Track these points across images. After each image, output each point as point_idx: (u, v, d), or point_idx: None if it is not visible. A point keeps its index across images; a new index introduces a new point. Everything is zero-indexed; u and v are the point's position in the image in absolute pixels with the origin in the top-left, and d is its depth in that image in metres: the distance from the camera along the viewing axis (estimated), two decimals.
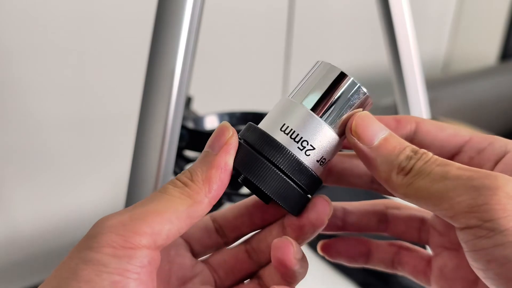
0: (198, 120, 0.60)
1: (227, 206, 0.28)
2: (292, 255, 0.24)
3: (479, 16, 1.76)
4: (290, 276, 0.25)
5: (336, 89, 0.25)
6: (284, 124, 0.24)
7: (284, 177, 0.24)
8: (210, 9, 0.60)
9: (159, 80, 0.38)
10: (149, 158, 0.39)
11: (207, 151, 0.24)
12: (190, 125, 0.57)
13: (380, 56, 0.75)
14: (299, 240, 0.26)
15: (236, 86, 1.28)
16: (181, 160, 0.53)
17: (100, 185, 1.16)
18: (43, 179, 1.10)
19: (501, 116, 1.62)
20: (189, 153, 0.54)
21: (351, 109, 0.25)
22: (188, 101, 0.62)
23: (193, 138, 0.52)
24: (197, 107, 0.65)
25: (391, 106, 1.69)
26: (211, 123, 0.60)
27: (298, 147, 0.24)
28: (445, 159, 0.22)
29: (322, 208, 0.25)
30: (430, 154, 0.23)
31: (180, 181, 0.24)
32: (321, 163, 0.25)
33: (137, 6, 1.05)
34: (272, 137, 0.24)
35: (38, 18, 0.98)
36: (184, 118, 0.53)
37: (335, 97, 0.24)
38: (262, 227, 0.28)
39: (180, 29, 0.37)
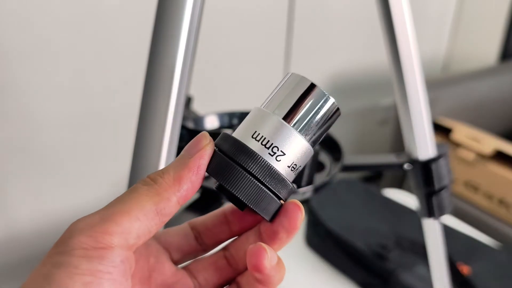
0: (198, 120, 0.60)
1: (206, 214, 0.29)
2: (266, 261, 0.24)
3: (479, 16, 1.76)
4: (266, 282, 0.25)
5: (306, 98, 0.26)
6: (256, 131, 0.25)
7: (256, 182, 0.24)
8: (210, 9, 0.60)
9: (159, 80, 0.38)
10: (149, 158, 0.39)
11: (183, 154, 0.25)
12: (190, 125, 0.57)
13: (380, 56, 0.75)
14: (274, 245, 0.26)
15: (236, 86, 1.28)
16: None
17: (100, 185, 1.16)
18: (43, 179, 1.10)
19: (501, 116, 1.62)
20: None
21: (320, 118, 0.26)
22: (188, 101, 0.62)
23: (193, 138, 0.52)
24: (197, 107, 0.66)
25: (391, 106, 1.69)
26: (211, 123, 0.60)
27: (269, 153, 0.25)
28: None
29: (293, 214, 0.26)
30: None
31: (150, 178, 0.25)
32: (292, 168, 0.26)
33: (137, 6, 1.05)
34: (244, 144, 0.25)
35: (38, 18, 0.98)
36: (184, 118, 0.53)
37: (305, 106, 0.26)
38: (240, 234, 0.28)
39: (180, 29, 0.37)
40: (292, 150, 0.25)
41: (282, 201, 0.26)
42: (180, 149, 0.51)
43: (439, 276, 0.62)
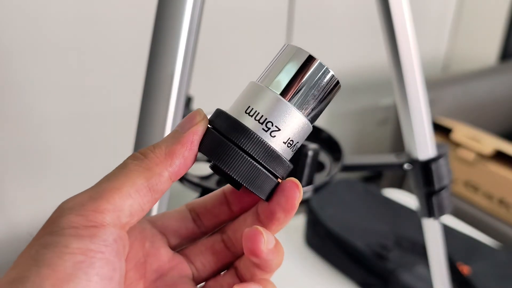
0: None
1: (206, 195, 0.28)
2: (262, 244, 0.23)
3: (479, 16, 1.76)
4: (264, 266, 0.24)
5: (303, 71, 0.24)
6: (249, 107, 0.24)
7: (251, 160, 0.23)
8: (210, 9, 0.60)
9: (159, 80, 0.38)
10: None
11: (176, 130, 0.24)
12: None
13: (380, 56, 0.75)
14: (272, 226, 0.25)
15: (236, 86, 1.28)
16: None
17: None
18: (43, 179, 1.10)
19: (501, 116, 1.62)
20: None
21: (317, 90, 0.25)
22: (188, 101, 0.62)
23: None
24: (197, 107, 0.65)
25: (391, 106, 1.69)
26: None
27: (263, 129, 0.24)
28: None
29: (291, 192, 0.24)
30: None
31: (140, 153, 0.24)
32: (289, 145, 0.25)
33: (137, 6, 1.05)
34: (238, 121, 0.24)
35: (38, 19, 0.98)
36: None
37: (302, 80, 0.24)
38: (241, 214, 0.27)
39: (180, 29, 0.37)
40: (288, 125, 0.24)
41: (279, 180, 0.25)
42: None
43: (439, 276, 0.62)
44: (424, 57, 1.80)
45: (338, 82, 0.25)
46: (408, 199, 1.09)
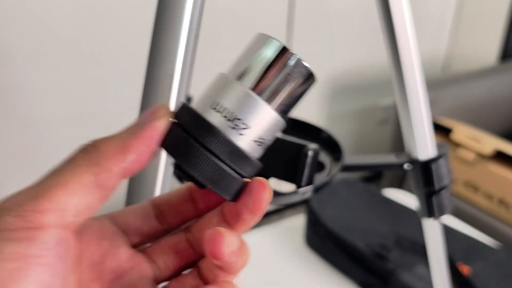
0: None
1: (170, 191, 0.26)
2: (224, 247, 0.21)
3: (479, 16, 1.76)
4: (226, 268, 0.23)
5: (274, 63, 0.22)
6: (216, 102, 0.22)
7: (216, 160, 0.22)
8: (210, 9, 0.60)
9: (159, 80, 0.38)
10: None
11: (135, 122, 0.22)
12: None
13: (380, 56, 0.75)
14: (239, 227, 0.24)
15: None
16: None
17: None
18: None
19: (501, 116, 1.62)
20: None
21: (291, 84, 0.23)
22: (188, 101, 0.62)
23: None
24: None
25: (391, 106, 1.69)
26: None
27: (231, 127, 0.22)
28: None
29: (259, 192, 0.23)
30: None
31: (91, 145, 0.22)
32: (259, 143, 0.23)
33: (137, 6, 1.05)
34: (203, 117, 0.22)
35: (38, 19, 0.98)
36: None
37: (273, 73, 0.22)
38: (207, 212, 0.26)
39: (180, 29, 0.37)
40: (258, 123, 0.22)
41: (246, 179, 0.23)
42: None
43: (439, 276, 0.62)
44: (424, 57, 1.80)
45: (312, 75, 0.23)
46: (408, 199, 1.09)
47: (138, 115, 0.32)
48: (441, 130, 1.39)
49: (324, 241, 0.95)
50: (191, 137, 0.22)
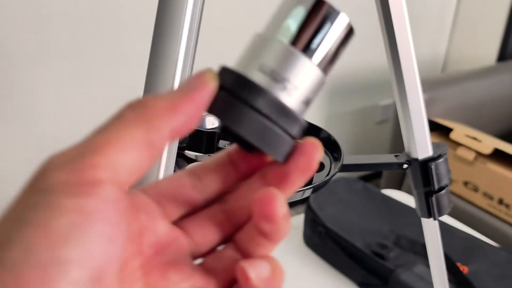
0: None
1: (207, 158, 0.25)
2: (278, 207, 0.21)
3: (479, 17, 1.76)
4: (274, 234, 0.22)
5: (314, 18, 0.22)
6: (262, 62, 0.22)
7: (266, 121, 0.21)
8: (210, 9, 0.60)
9: (160, 80, 0.38)
10: None
11: (182, 84, 0.22)
12: None
13: (379, 56, 0.75)
14: (285, 190, 0.23)
15: None
16: (181, 160, 0.53)
17: None
18: None
19: (500, 116, 1.62)
20: (189, 153, 0.54)
21: (333, 40, 0.22)
22: None
23: (193, 138, 0.52)
24: None
25: (390, 106, 1.69)
26: (211, 123, 0.60)
27: (280, 87, 0.22)
28: None
29: (312, 152, 0.22)
30: None
31: (139, 102, 0.21)
32: (306, 104, 0.23)
33: (138, 6, 1.05)
34: (250, 79, 0.22)
35: (39, 19, 0.98)
36: None
37: (314, 28, 0.22)
38: (249, 176, 0.24)
39: (180, 29, 0.37)
40: (304, 82, 0.22)
41: (295, 140, 0.23)
42: (180, 149, 0.51)
43: (439, 276, 0.62)
44: (424, 57, 1.80)
45: (352, 28, 0.23)
46: (407, 199, 1.09)
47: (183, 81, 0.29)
48: (440, 130, 1.39)
49: (323, 241, 0.95)
50: (239, 99, 0.21)
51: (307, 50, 0.22)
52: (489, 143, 1.30)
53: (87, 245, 0.18)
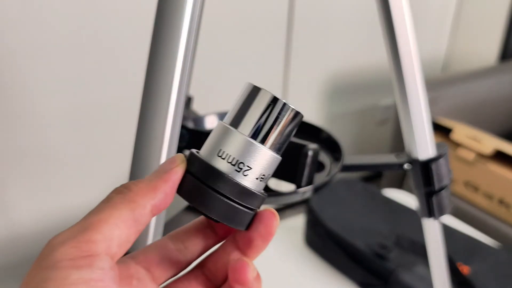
0: (198, 120, 0.60)
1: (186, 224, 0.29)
2: (249, 274, 0.25)
3: (479, 16, 1.76)
4: None
5: (267, 112, 0.26)
6: (221, 150, 0.26)
7: (227, 200, 0.26)
8: (210, 9, 0.60)
9: (159, 80, 0.38)
10: (149, 158, 0.39)
11: (157, 169, 0.26)
12: (190, 125, 0.57)
13: (380, 56, 0.75)
14: (251, 253, 0.27)
15: (236, 86, 1.28)
16: None
17: (100, 185, 1.16)
18: (43, 179, 1.10)
19: (501, 116, 1.62)
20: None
21: (280, 125, 0.27)
22: (188, 101, 0.62)
23: (193, 138, 0.52)
24: (197, 107, 0.66)
25: (390, 106, 1.69)
26: (211, 123, 0.60)
27: (236, 170, 0.26)
28: None
29: (269, 220, 0.26)
30: None
31: (123, 186, 0.25)
32: (261, 179, 0.27)
33: (138, 6, 1.05)
34: (210, 165, 0.26)
35: (39, 19, 0.98)
36: (184, 118, 0.53)
37: (267, 120, 0.26)
38: (226, 237, 0.29)
39: (180, 29, 0.37)
40: (258, 163, 0.26)
41: (255, 211, 0.27)
42: (180, 149, 0.51)
43: (439, 276, 0.62)
44: (424, 57, 1.80)
45: (298, 113, 0.27)
46: (408, 199, 1.09)
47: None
48: (441, 130, 1.39)
49: (324, 241, 0.95)
50: (203, 183, 0.26)
51: (262, 139, 0.26)
52: (490, 144, 1.30)
53: None
